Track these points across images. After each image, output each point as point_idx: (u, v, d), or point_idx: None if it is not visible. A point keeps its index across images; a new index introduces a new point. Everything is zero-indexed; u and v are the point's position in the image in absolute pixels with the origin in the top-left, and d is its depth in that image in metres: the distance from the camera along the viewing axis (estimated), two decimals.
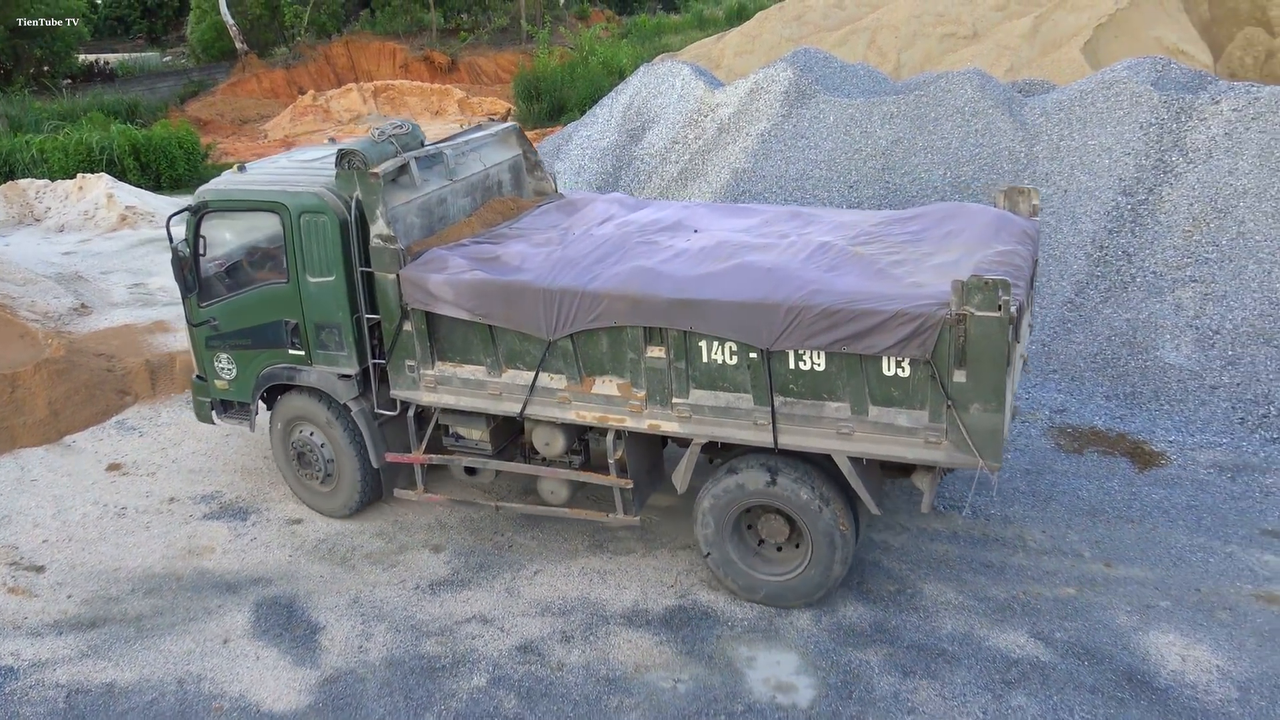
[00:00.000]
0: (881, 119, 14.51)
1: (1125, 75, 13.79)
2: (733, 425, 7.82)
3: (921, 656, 7.57)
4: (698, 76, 17.64)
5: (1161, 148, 12.65)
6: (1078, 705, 7.05)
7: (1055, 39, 23.52)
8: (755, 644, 7.79)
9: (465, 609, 8.37)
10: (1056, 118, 13.60)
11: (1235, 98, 12.77)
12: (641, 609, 8.24)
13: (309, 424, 9.43)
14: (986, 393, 7.06)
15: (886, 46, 26.89)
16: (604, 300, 7.77)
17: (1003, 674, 7.37)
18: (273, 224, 8.89)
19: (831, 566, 7.92)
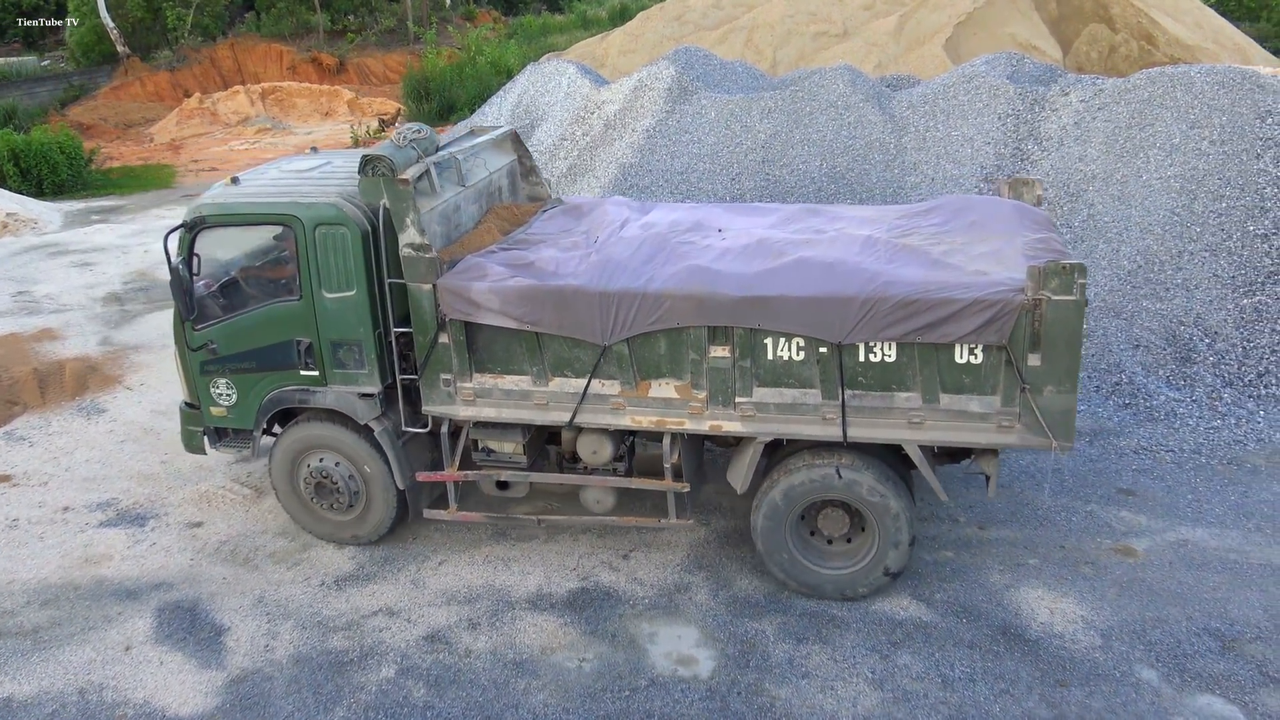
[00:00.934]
0: (760, 114, 15.02)
1: (983, 70, 14.60)
2: (799, 421, 7.80)
3: (813, 623, 7.99)
4: (583, 75, 17.93)
5: (1018, 137, 13.46)
6: (958, 660, 7.56)
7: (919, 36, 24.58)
8: (656, 620, 8.11)
9: (371, 602, 8.48)
10: (922, 110, 14.32)
11: (1082, 90, 13.66)
12: (545, 593, 8.49)
13: (327, 450, 8.91)
14: (1060, 375, 7.25)
15: (763, 44, 27.63)
16: (667, 301, 7.61)
17: (889, 635, 7.85)
18: (283, 237, 8.44)
19: (898, 558, 8.01)
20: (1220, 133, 12.44)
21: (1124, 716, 6.96)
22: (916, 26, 25.19)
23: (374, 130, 31.29)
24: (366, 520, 9.09)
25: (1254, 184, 11.94)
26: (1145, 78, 13.53)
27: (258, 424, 8.95)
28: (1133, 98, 13.28)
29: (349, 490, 8.96)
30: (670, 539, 9.11)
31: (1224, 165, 12.20)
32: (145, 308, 16.14)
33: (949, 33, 24.21)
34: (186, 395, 9.23)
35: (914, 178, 13.64)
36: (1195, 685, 7.22)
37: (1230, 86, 12.90)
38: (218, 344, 8.75)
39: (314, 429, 8.87)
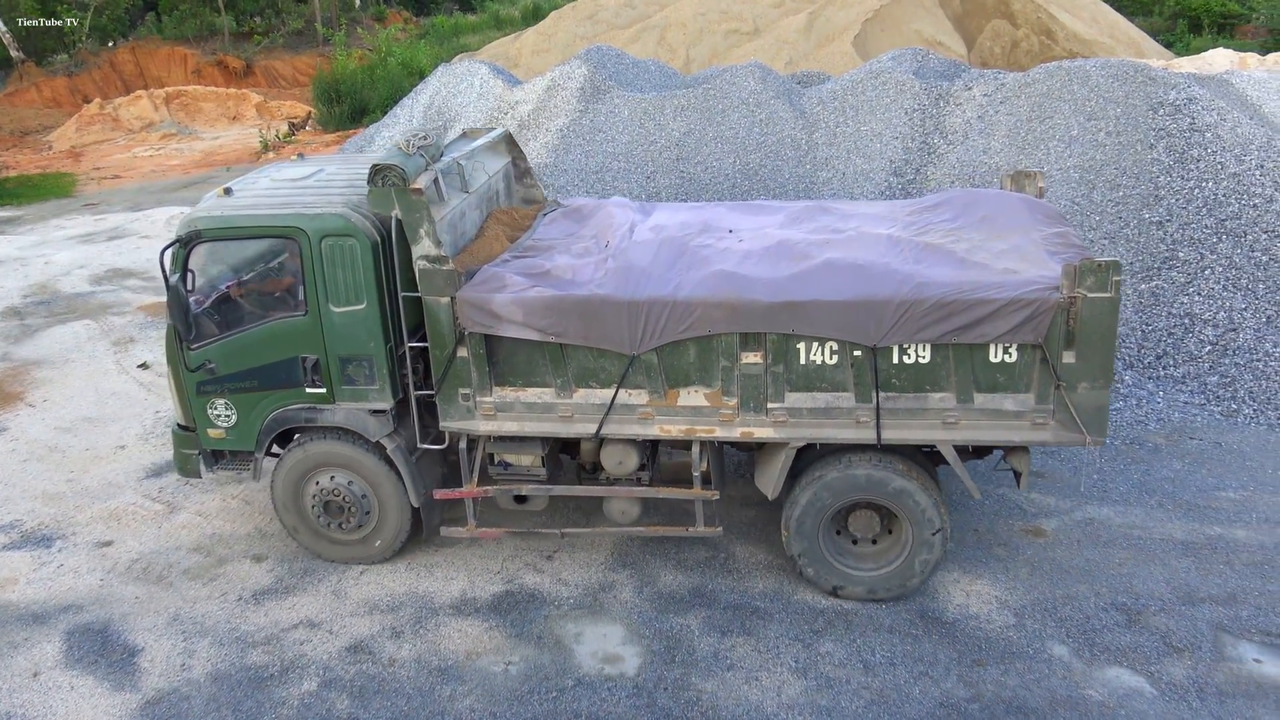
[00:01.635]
0: (673, 112, 15.12)
1: (890, 66, 14.89)
2: (832, 425, 7.73)
3: (738, 615, 8.08)
4: (496, 75, 17.83)
5: (925, 131, 13.76)
6: (878, 645, 7.71)
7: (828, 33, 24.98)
8: (582, 620, 8.11)
9: (291, 615, 8.33)
10: (832, 106, 14.55)
11: (985, 84, 14.03)
12: (469, 597, 8.44)
13: (336, 468, 8.60)
14: (1095, 371, 7.28)
15: (676, 43, 27.80)
16: (698, 309, 7.46)
17: (811, 624, 7.97)
18: (286, 250, 8.11)
19: (932, 556, 7.98)
20: (1116, 124, 12.88)
21: (1037, 692, 7.18)
22: (826, 24, 25.59)
23: (284, 134, 30.67)
24: (377, 539, 8.83)
25: (1148, 173, 12.38)
26: (1044, 72, 13.95)
27: (260, 445, 8.60)
28: (1033, 91, 13.68)
29: (360, 509, 8.69)
30: (593, 539, 9.12)
31: (1120, 155, 12.63)
32: (46, 321, 15.61)
33: (857, 29, 24.65)
34: (180, 418, 8.81)
35: (825, 173, 13.86)
36: (1104, 658, 7.48)
37: (1124, 79, 13.37)
38: (216, 363, 8.36)
39: (321, 447, 8.54)
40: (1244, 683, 7.23)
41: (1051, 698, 7.14)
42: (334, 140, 28.53)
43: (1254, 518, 9.05)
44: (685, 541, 8.97)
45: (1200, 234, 11.76)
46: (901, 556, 8.05)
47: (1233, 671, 7.33)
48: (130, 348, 14.14)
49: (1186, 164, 12.33)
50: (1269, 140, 12.50)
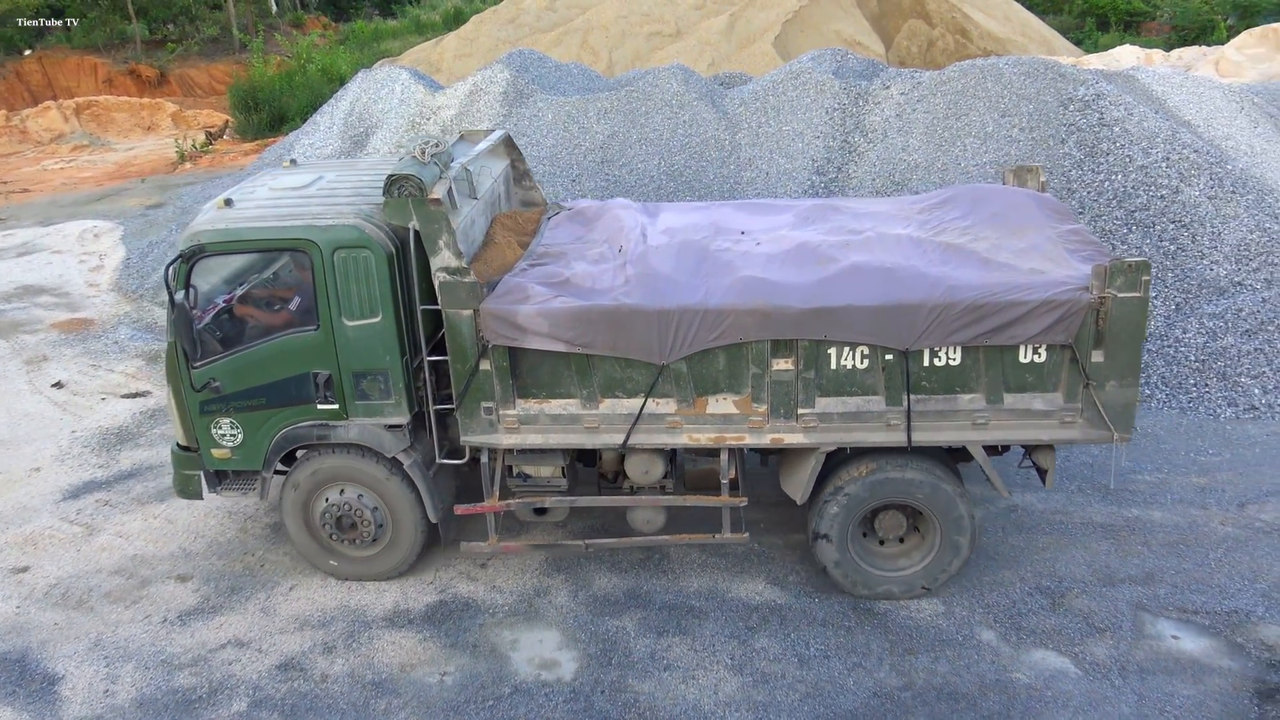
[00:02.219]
0: (597, 115, 15.12)
1: (810, 66, 15.08)
2: (862, 429, 7.69)
3: (673, 615, 8.11)
4: (417, 80, 17.66)
5: (845, 130, 13.97)
6: (812, 639, 7.80)
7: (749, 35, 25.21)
8: (517, 627, 8.07)
9: (219, 635, 8.15)
10: (754, 107, 14.69)
11: (903, 83, 14.28)
12: (402, 609, 8.34)
13: (348, 484, 8.39)
14: (1124, 370, 7.35)
15: (598, 46, 27.82)
16: (729, 316, 7.36)
17: (746, 621, 8.03)
18: (296, 263, 7.87)
19: (961, 551, 8.03)
20: (1029, 120, 13.21)
21: (967, 677, 7.32)
22: (746, 25, 25.82)
23: (201, 144, 30.00)
24: (392, 554, 8.64)
25: (1061, 167, 12.72)
26: (959, 70, 14.24)
27: (268, 464, 8.33)
28: (949, 89, 13.96)
29: (374, 523, 8.50)
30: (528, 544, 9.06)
31: (1033, 151, 12.95)
32: None
33: (778, 30, 24.92)
34: (181, 438, 8.51)
35: (749, 173, 13.98)
36: (1030, 641, 7.66)
37: (1036, 76, 13.72)
38: (221, 381, 8.08)
39: (331, 461, 8.34)
40: (1163, 659, 7.46)
41: (981, 682, 7.29)
42: (253, 149, 27.98)
43: (1169, 499, 9.34)
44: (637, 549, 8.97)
45: (1111, 225, 12.11)
46: (930, 556, 8.10)
47: (1152, 649, 7.56)
48: (43, 367, 13.70)
49: (1096, 157, 12.69)
50: (1174, 133, 12.92)
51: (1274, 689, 7.17)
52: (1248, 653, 7.51)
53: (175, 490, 8.84)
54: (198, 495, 8.76)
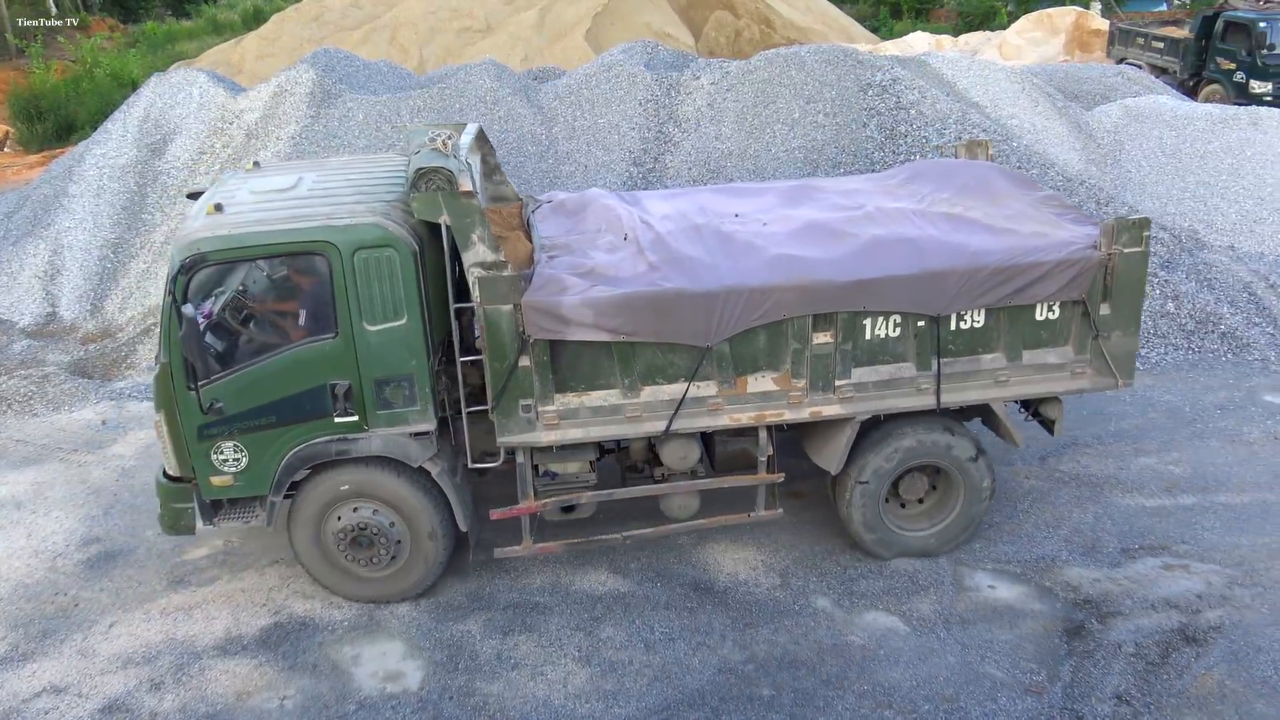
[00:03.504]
0: (409, 113, 14.83)
1: (622, 58, 15.24)
2: (894, 396, 7.91)
3: (518, 614, 8.07)
4: (216, 83, 16.83)
5: (659, 121, 14.19)
6: (657, 623, 7.91)
7: (560, 28, 25.26)
8: (359, 641, 7.86)
9: (31, 684, 7.58)
10: (568, 101, 14.73)
11: (712, 73, 14.62)
12: (235, 635, 7.98)
13: (364, 500, 7.86)
14: (1127, 320, 7.91)
15: (408, 43, 27.28)
16: (773, 294, 7.39)
17: (590, 611, 8.08)
18: (312, 268, 7.29)
19: (979, 508, 8.43)
20: (832, 105, 13.75)
21: (806, 645, 7.60)
22: (557, 19, 25.85)
23: None
24: (413, 571, 8.16)
25: (864, 150, 13.30)
26: (764, 59, 14.68)
27: (278, 487, 7.70)
28: (755, 78, 14.37)
29: (391, 540, 7.99)
30: None
31: (838, 135, 13.49)
32: None
33: (589, 24, 25.06)
34: (172, 467, 7.77)
35: (568, 167, 14.02)
36: (862, 605, 8.01)
37: (835, 63, 14.29)
38: (224, 401, 7.42)
39: (346, 477, 7.81)
40: (983, 609, 7.95)
41: (819, 648, 7.58)
42: (39, 161, 26.07)
43: None
44: (457, 548, 8.84)
45: None
46: (954, 512, 8.45)
47: (972, 600, 8.04)
48: None
49: (896, 139, 13.33)
50: (964, 114, 13.71)
51: (1079, 626, 7.75)
52: (1055, 595, 8.09)
53: (163, 527, 8.13)
54: (190, 530, 8.08)
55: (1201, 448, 10.06)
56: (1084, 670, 7.32)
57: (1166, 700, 7.03)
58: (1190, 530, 8.85)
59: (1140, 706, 6.98)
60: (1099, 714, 6.92)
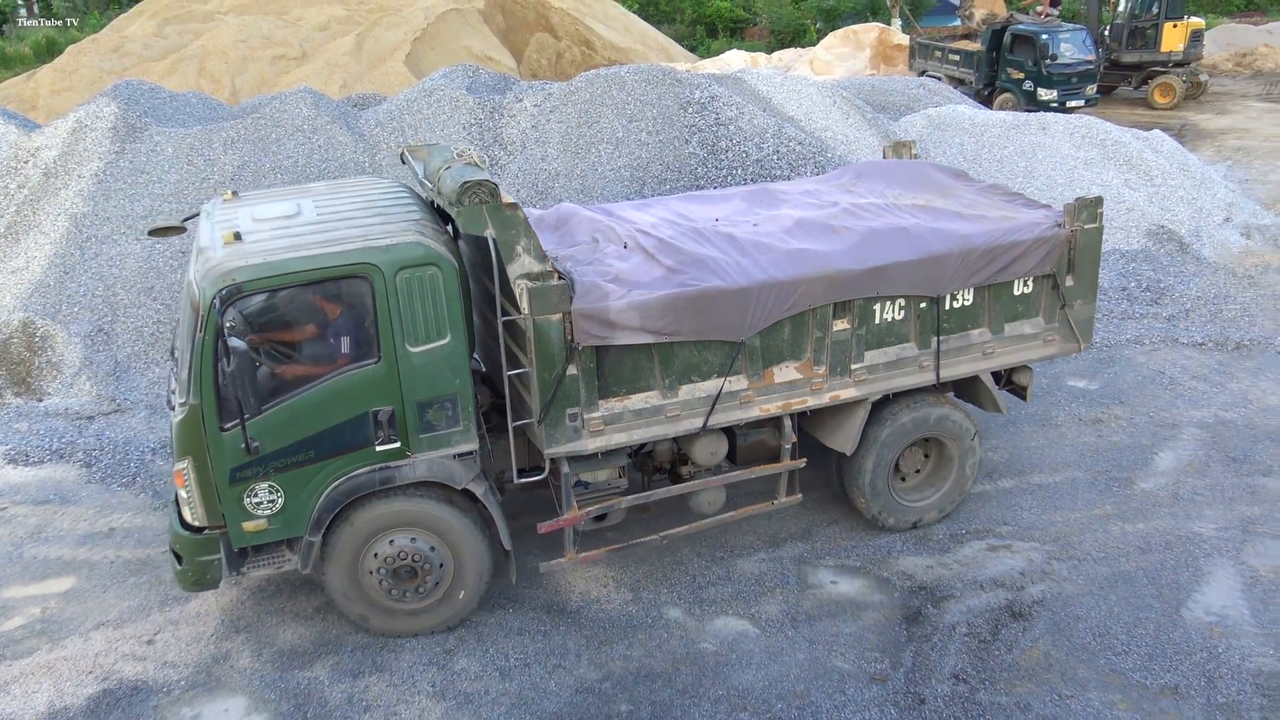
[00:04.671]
0: (223, 145, 14.27)
1: (443, 83, 15.11)
2: (900, 375, 8.43)
3: (367, 654, 7.83)
4: (7, 120, 15.76)
5: (484, 144, 14.13)
6: (511, 650, 7.83)
7: (379, 54, 24.85)
8: (198, 700, 7.46)
9: None
10: (390, 127, 14.50)
11: (535, 95, 14.68)
12: (59, 708, 7.44)
13: (404, 529, 7.53)
14: (1087, 289, 8.80)
15: (219, 72, 26.26)
16: (800, 286, 7.75)
17: (443, 645, 7.91)
18: (352, 291, 6.96)
19: (968, 476, 9.10)
20: (654, 124, 14.01)
21: (660, 657, 7.68)
22: (375, 45, 25.41)
23: None
24: (456, 598, 7.92)
25: (687, 165, 13.61)
26: (586, 80, 14.84)
27: (316, 526, 7.29)
28: (578, 99, 14.51)
29: (435, 567, 7.71)
30: (200, 606, 8.41)
31: (662, 153, 13.76)
32: None
33: (408, 49, 24.74)
34: (197, 517, 7.23)
35: None
36: (713, 611, 8.15)
37: (655, 82, 14.58)
38: (260, 439, 6.95)
39: (386, 507, 7.48)
40: (827, 604, 8.22)
41: (673, 658, 7.67)
42: None
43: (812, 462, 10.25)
44: (299, 591, 8.55)
45: None
46: (949, 481, 9.08)
47: (816, 597, 8.30)
48: None
49: (718, 155, 13.69)
50: (780, 128, 14.21)
51: (917, 612, 8.11)
52: (893, 584, 8.45)
53: (185, 585, 7.60)
54: (215, 584, 7.58)
55: (1016, 434, 10.71)
56: (923, 654, 7.66)
57: (999, 675, 7.44)
58: (1011, 512, 9.40)
59: (976, 683, 7.36)
60: (939, 694, 7.26)
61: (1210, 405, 11.31)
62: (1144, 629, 7.86)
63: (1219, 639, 7.74)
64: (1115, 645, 7.70)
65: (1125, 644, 7.71)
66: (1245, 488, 9.76)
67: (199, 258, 7.15)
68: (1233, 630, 7.85)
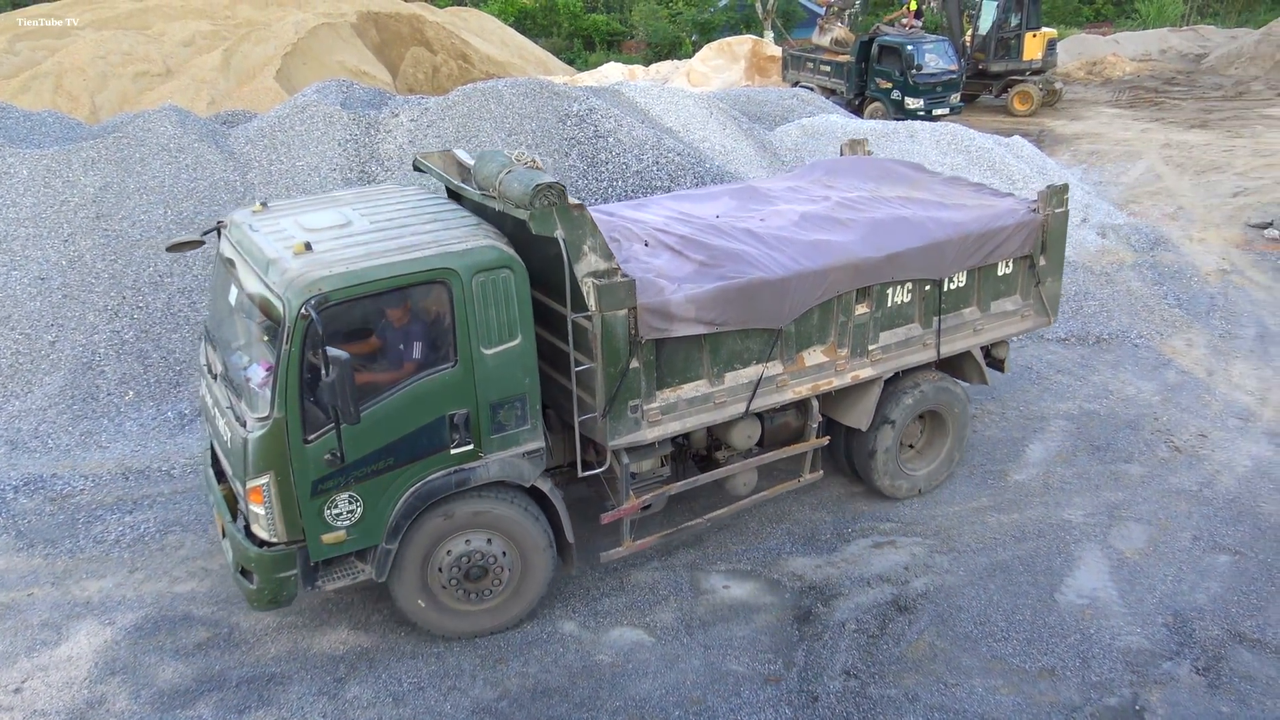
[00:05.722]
0: (83, 166, 13.65)
1: (315, 98, 14.78)
2: (908, 353, 9.10)
3: (253, 689, 7.58)
4: None
5: (361, 160, 13.88)
6: (404, 674, 7.67)
7: (248, 70, 24.17)
8: None
9: None
10: (261, 144, 14.11)
11: (411, 110, 14.49)
12: None
13: (472, 530, 7.64)
14: (1057, 268, 9.79)
15: (77, 90, 25.12)
16: (830, 274, 8.27)
17: (334, 673, 7.71)
18: (430, 297, 7.02)
19: (961, 445, 10.03)
20: (533, 137, 13.99)
21: (556, 671, 7.64)
22: (244, 60, 24.71)
23: None
24: (525, 595, 8.05)
25: (568, 178, 13.62)
26: (462, 94, 14.71)
27: (393, 534, 7.32)
28: (455, 113, 14.38)
29: (504, 567, 7.84)
30: (71, 650, 8.00)
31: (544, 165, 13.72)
32: None
33: (278, 64, 24.14)
34: (276, 533, 7.06)
35: None
36: (608, 623, 8.16)
37: (533, 96, 14.55)
38: (345, 449, 6.90)
39: (458, 509, 7.56)
40: (720, 609, 8.31)
41: (569, 672, 7.64)
42: None
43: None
44: (178, 627, 8.22)
45: None
46: (944, 451, 9.93)
47: (710, 602, 8.39)
48: None
49: (598, 167, 13.75)
50: (659, 140, 14.36)
51: (808, 611, 8.28)
52: (784, 585, 8.60)
53: (258, 604, 7.42)
54: (290, 600, 7.41)
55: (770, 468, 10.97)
56: (815, 652, 7.82)
57: (888, 668, 7.64)
58: (893, 509, 9.68)
59: (866, 678, 7.54)
60: (831, 691, 7.42)
61: (1075, 398, 11.86)
62: (1021, 615, 8.18)
63: (1090, 620, 8.12)
64: (995, 632, 8.00)
65: (1005, 630, 8.02)
66: (1109, 475, 10.26)
67: (271, 269, 6.92)
68: (1103, 611, 8.24)
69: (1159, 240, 16.40)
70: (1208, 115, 30.35)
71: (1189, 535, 9.27)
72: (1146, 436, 11.03)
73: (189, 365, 11.73)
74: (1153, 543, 9.15)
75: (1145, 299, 14.50)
